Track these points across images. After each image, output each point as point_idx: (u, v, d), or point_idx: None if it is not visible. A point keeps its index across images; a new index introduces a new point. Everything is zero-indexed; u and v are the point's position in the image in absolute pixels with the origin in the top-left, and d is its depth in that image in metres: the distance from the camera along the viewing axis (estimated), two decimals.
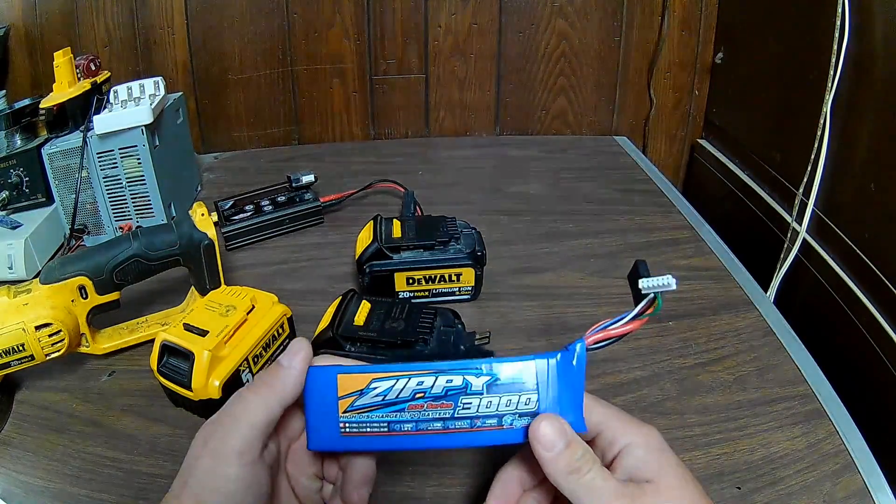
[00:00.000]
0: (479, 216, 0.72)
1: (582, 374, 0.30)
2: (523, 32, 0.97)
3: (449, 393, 0.30)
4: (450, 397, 0.30)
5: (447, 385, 0.30)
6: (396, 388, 0.31)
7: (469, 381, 0.30)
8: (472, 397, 0.30)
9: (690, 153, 1.06)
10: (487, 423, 0.31)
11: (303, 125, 1.02)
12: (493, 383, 0.30)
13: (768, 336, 0.55)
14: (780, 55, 0.82)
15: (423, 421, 0.31)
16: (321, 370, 0.31)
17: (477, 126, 1.04)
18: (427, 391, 0.30)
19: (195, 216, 0.53)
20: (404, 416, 0.31)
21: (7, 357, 0.45)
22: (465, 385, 0.30)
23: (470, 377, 0.30)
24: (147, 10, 0.92)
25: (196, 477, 0.29)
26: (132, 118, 0.65)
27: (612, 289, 0.62)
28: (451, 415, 0.31)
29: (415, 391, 0.30)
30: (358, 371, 0.31)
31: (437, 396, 0.30)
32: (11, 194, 0.68)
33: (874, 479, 0.42)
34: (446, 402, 0.31)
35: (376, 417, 0.31)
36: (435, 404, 0.31)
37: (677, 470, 0.30)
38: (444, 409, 0.31)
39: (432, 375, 0.30)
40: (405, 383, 0.31)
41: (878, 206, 0.63)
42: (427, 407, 0.31)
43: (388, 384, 0.31)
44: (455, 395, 0.30)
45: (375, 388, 0.31)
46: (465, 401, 0.30)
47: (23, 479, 0.43)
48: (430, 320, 0.49)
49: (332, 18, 0.95)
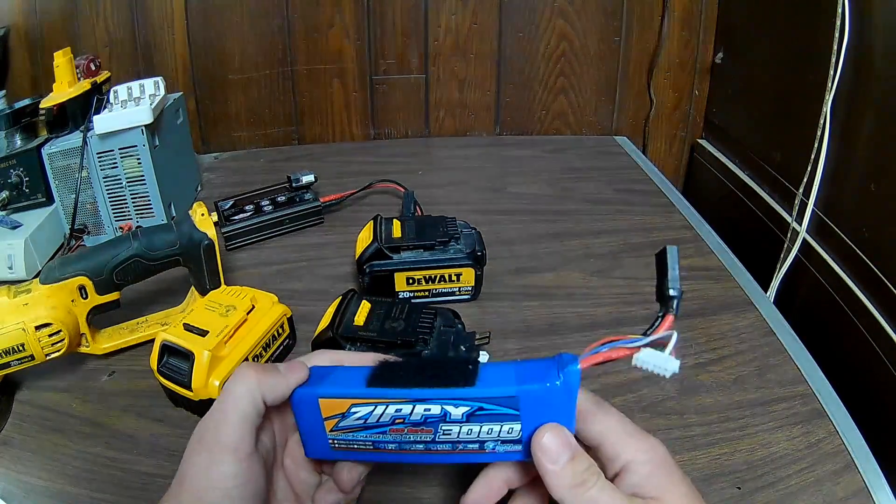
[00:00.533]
0: (479, 216, 0.72)
1: (573, 398, 0.28)
2: (523, 32, 0.97)
3: (428, 420, 0.30)
4: (429, 424, 0.30)
5: (425, 413, 0.29)
6: (375, 414, 0.30)
7: (448, 411, 0.29)
8: (452, 425, 0.29)
9: (690, 153, 1.06)
10: (469, 448, 0.30)
11: (303, 125, 1.02)
12: (473, 413, 0.29)
13: (768, 336, 0.55)
14: (780, 55, 0.82)
15: (406, 442, 0.31)
16: (304, 393, 0.31)
17: (477, 126, 1.04)
18: (406, 417, 0.30)
19: (195, 216, 0.53)
20: (387, 438, 0.31)
21: (7, 357, 0.45)
22: (443, 414, 0.29)
23: (448, 407, 0.29)
24: (147, 10, 0.91)
25: (193, 474, 0.29)
26: (132, 118, 0.65)
27: (612, 289, 0.62)
28: (432, 439, 0.30)
29: (394, 417, 0.30)
30: (338, 396, 0.31)
31: (417, 423, 0.30)
32: (11, 194, 0.68)
33: (874, 479, 0.42)
34: (426, 428, 0.30)
35: (361, 437, 0.31)
36: (415, 429, 0.30)
37: (681, 488, 0.29)
38: (425, 434, 0.30)
39: (410, 404, 0.29)
40: (384, 409, 0.30)
41: (878, 206, 0.63)
42: (408, 431, 0.30)
43: (367, 409, 0.30)
44: (434, 423, 0.30)
45: (355, 413, 0.31)
46: (445, 428, 0.30)
47: (23, 479, 0.43)
48: (430, 320, 0.49)
49: (332, 18, 0.95)
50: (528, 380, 0.28)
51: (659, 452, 0.29)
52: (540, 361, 0.29)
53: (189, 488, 0.28)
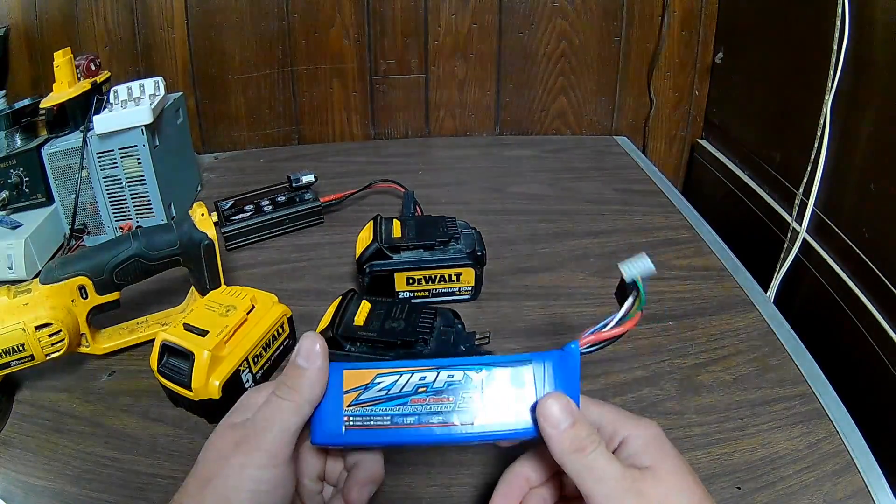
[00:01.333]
0: (479, 216, 0.72)
1: (576, 375, 0.32)
2: (523, 32, 0.97)
3: (450, 387, 0.32)
4: (451, 391, 0.32)
5: (448, 380, 0.32)
6: (400, 383, 0.32)
7: (469, 377, 0.32)
8: (472, 392, 0.32)
9: (690, 153, 1.06)
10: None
11: (303, 125, 1.02)
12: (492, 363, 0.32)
13: (768, 336, 0.55)
14: (780, 55, 0.82)
15: (425, 414, 0.32)
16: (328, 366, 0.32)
17: (477, 126, 1.04)
18: (429, 386, 0.32)
19: (195, 216, 0.53)
20: (407, 410, 0.32)
21: (7, 357, 0.45)
22: (465, 380, 0.32)
23: (470, 373, 0.32)
24: (147, 10, 0.91)
25: (224, 477, 0.29)
26: (132, 118, 0.65)
27: (611, 289, 0.61)
28: (451, 409, 0.32)
29: (417, 385, 0.32)
30: (363, 367, 0.33)
31: (439, 390, 0.32)
32: (11, 194, 0.68)
33: (874, 479, 0.42)
34: (447, 397, 0.32)
35: (380, 411, 0.32)
36: (437, 398, 0.32)
37: (675, 460, 0.30)
38: (446, 404, 0.32)
39: (434, 371, 0.32)
40: (408, 378, 0.32)
41: (878, 206, 0.63)
42: (429, 401, 0.32)
43: (392, 379, 0.32)
44: (456, 390, 0.32)
45: (380, 383, 0.32)
46: (466, 395, 0.32)
47: (23, 479, 0.43)
48: (430, 320, 0.49)
49: (332, 18, 0.95)
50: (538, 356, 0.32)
51: (652, 429, 0.32)
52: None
53: (217, 489, 0.29)
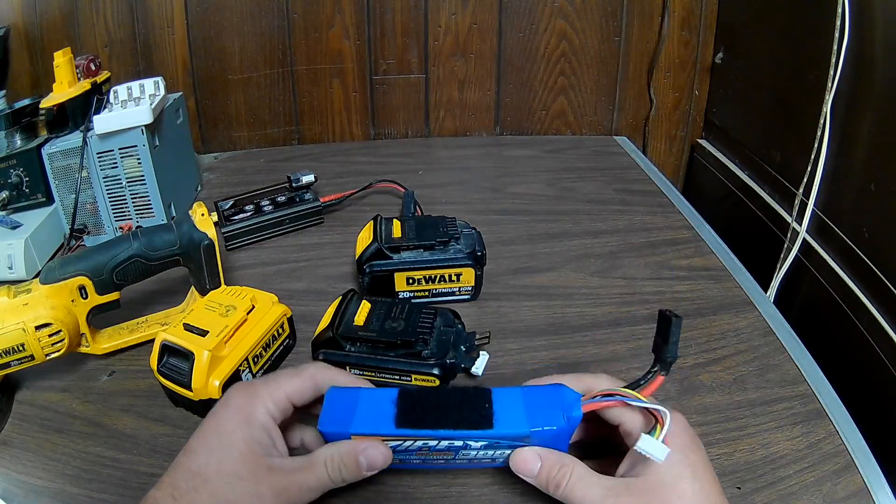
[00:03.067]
0: (479, 216, 0.72)
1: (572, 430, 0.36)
2: (523, 32, 0.97)
3: (450, 448, 0.36)
4: (451, 450, 0.36)
5: (449, 444, 0.35)
6: (405, 445, 0.36)
7: (469, 443, 0.35)
8: (471, 451, 0.36)
9: (690, 153, 1.06)
10: (484, 462, 0.38)
11: (303, 125, 1.02)
12: (490, 445, 0.36)
13: (768, 336, 0.55)
14: (780, 55, 0.82)
15: (429, 460, 0.38)
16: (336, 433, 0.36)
17: (477, 126, 1.04)
18: (432, 447, 0.36)
19: (195, 216, 0.53)
20: (413, 457, 0.37)
21: (7, 357, 0.45)
22: (464, 445, 0.35)
23: (470, 441, 0.35)
24: (147, 10, 0.91)
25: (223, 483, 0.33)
26: (132, 118, 0.65)
27: (611, 289, 0.62)
28: (453, 458, 0.37)
29: (421, 446, 0.36)
30: (370, 434, 0.36)
31: (440, 450, 0.36)
32: (11, 194, 0.68)
33: (874, 479, 0.42)
34: (449, 452, 0.36)
35: None
36: (439, 452, 0.36)
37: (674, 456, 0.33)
38: (447, 456, 0.37)
39: (437, 440, 0.35)
40: (412, 443, 0.36)
41: (878, 206, 0.63)
42: (433, 454, 0.37)
43: (396, 443, 0.36)
44: (456, 449, 0.36)
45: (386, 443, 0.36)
46: (465, 453, 0.36)
47: (23, 479, 0.43)
48: (430, 320, 0.49)
49: (332, 18, 0.95)
50: (538, 420, 0.35)
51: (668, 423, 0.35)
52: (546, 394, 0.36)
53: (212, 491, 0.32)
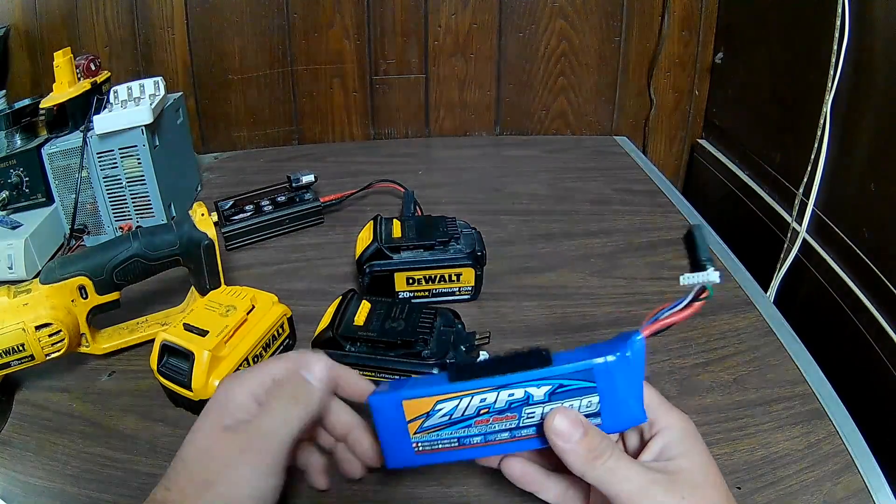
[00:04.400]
0: (479, 216, 0.72)
1: (641, 367, 0.30)
2: (523, 32, 0.97)
3: (512, 406, 0.31)
4: (514, 409, 0.31)
5: (509, 399, 0.31)
6: (461, 407, 0.32)
7: (530, 393, 0.31)
8: (535, 406, 0.31)
9: (690, 153, 1.06)
10: None
11: (303, 125, 1.02)
12: (555, 391, 0.31)
13: (768, 336, 0.55)
14: (780, 55, 0.82)
15: (491, 433, 0.32)
16: (386, 398, 0.33)
17: (477, 126, 1.04)
18: (491, 406, 0.31)
19: (195, 216, 0.53)
20: (472, 431, 0.32)
21: (7, 357, 0.45)
22: (526, 397, 0.31)
23: (531, 388, 0.31)
24: (147, 10, 0.91)
25: (229, 484, 0.29)
26: (132, 118, 0.65)
27: (611, 289, 0.62)
28: (516, 425, 0.32)
29: (479, 408, 0.31)
30: (422, 395, 0.32)
31: (502, 410, 0.31)
32: (11, 194, 0.68)
33: (874, 479, 0.42)
34: (511, 414, 0.31)
35: (446, 435, 0.32)
36: (500, 417, 0.32)
37: (703, 456, 0.31)
38: (510, 421, 0.32)
39: (494, 391, 0.31)
40: (468, 402, 0.31)
41: (878, 206, 0.63)
42: (493, 420, 0.32)
43: (452, 404, 0.32)
44: (518, 407, 0.31)
45: (440, 410, 0.32)
46: (529, 411, 0.31)
47: (23, 479, 0.43)
48: (430, 320, 0.49)
49: (332, 18, 0.95)
50: (600, 353, 0.30)
51: (690, 424, 0.32)
52: (605, 343, 0.31)
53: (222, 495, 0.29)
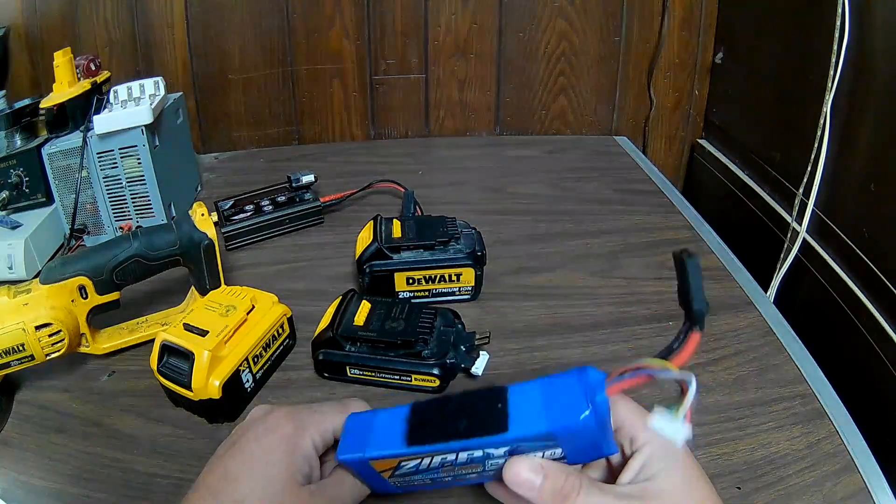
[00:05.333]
0: (479, 216, 0.72)
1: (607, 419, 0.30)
2: (523, 32, 0.97)
3: (473, 461, 0.31)
4: (476, 461, 0.31)
5: (469, 456, 0.31)
6: (424, 463, 0.32)
7: (490, 452, 0.30)
8: (498, 459, 0.31)
9: (690, 153, 1.06)
10: None
11: (303, 125, 1.02)
12: (515, 450, 0.30)
13: (768, 336, 0.55)
14: (780, 55, 0.82)
15: (460, 476, 0.33)
16: (354, 460, 0.33)
17: (477, 126, 1.04)
18: (454, 462, 0.31)
19: (195, 216, 0.53)
20: (441, 475, 0.33)
21: (7, 357, 0.45)
22: (486, 455, 0.31)
23: (490, 449, 0.30)
24: (147, 10, 0.91)
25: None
26: (132, 118, 0.65)
27: (611, 289, 0.62)
28: (482, 471, 0.32)
29: (442, 462, 0.32)
30: (384, 457, 0.33)
31: (464, 463, 0.31)
32: (11, 194, 0.68)
33: (874, 479, 0.42)
34: (475, 465, 0.31)
35: (418, 479, 0.33)
36: (465, 467, 0.32)
37: (686, 472, 0.31)
38: (475, 468, 0.32)
39: (453, 453, 0.31)
40: (430, 461, 0.32)
41: (878, 206, 0.63)
42: (459, 469, 0.32)
43: (415, 461, 0.32)
44: (481, 460, 0.31)
45: (406, 466, 0.32)
46: (492, 462, 0.31)
47: (23, 479, 0.43)
48: (430, 320, 0.49)
49: (332, 18, 0.95)
50: (558, 413, 0.29)
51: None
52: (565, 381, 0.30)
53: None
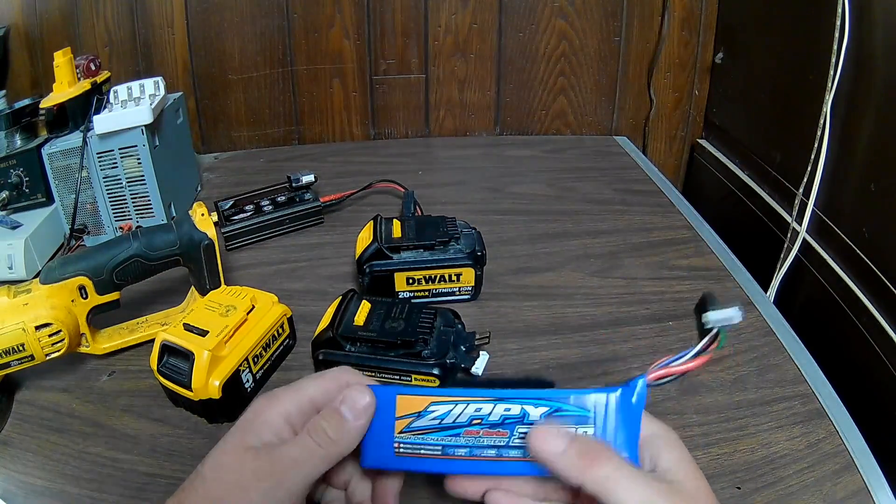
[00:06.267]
0: (479, 216, 0.72)
1: (640, 411, 0.30)
2: (523, 32, 0.97)
3: (506, 421, 0.30)
4: (506, 425, 0.30)
5: (505, 413, 0.30)
6: (454, 413, 0.31)
7: (527, 412, 0.30)
8: (528, 427, 0.30)
9: (690, 153, 1.06)
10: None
11: (303, 125, 1.02)
12: (552, 414, 0.30)
13: (768, 336, 0.55)
14: (780, 55, 0.82)
15: (478, 447, 0.31)
16: (381, 390, 0.32)
17: (477, 126, 1.04)
18: (484, 418, 0.30)
19: (195, 216, 0.53)
20: (459, 441, 0.31)
21: (7, 357, 0.45)
22: (522, 415, 0.30)
23: (529, 407, 0.30)
24: (147, 10, 0.91)
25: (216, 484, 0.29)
26: (132, 118, 0.65)
27: (611, 289, 0.62)
28: (505, 443, 0.31)
29: (472, 417, 0.31)
30: (417, 393, 0.31)
31: (494, 424, 0.30)
32: (11, 194, 0.68)
33: (874, 479, 0.42)
34: (502, 430, 0.30)
35: (431, 440, 0.31)
36: (491, 431, 0.31)
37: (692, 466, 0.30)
38: (500, 437, 0.31)
39: (491, 403, 0.30)
40: (463, 408, 0.31)
41: (878, 206, 0.63)
42: (483, 434, 0.31)
43: (446, 408, 0.31)
44: (511, 424, 0.30)
45: (433, 412, 0.31)
46: (521, 430, 0.30)
47: (23, 479, 0.43)
48: (430, 320, 0.49)
49: (332, 18, 0.95)
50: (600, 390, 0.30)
51: (673, 433, 0.31)
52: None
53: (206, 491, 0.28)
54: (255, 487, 0.28)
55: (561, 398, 0.30)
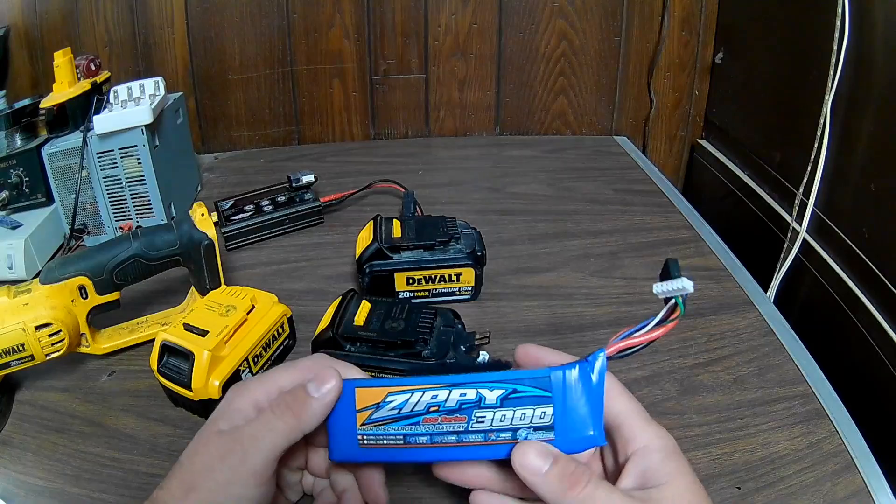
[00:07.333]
0: (479, 216, 0.72)
1: (601, 386, 0.30)
2: (523, 32, 0.97)
3: (463, 406, 0.30)
4: (464, 411, 0.30)
5: (461, 398, 0.30)
6: (411, 402, 0.31)
7: (483, 395, 0.30)
8: (486, 411, 0.30)
9: (690, 153, 1.06)
10: (501, 437, 0.30)
11: (303, 125, 1.02)
12: (507, 396, 0.30)
13: (768, 336, 0.55)
14: (780, 55, 0.82)
15: (438, 434, 0.31)
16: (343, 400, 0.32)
17: (477, 126, 1.04)
18: (441, 405, 0.31)
19: (195, 216, 0.53)
20: (419, 430, 0.31)
21: (7, 357, 0.45)
22: (478, 399, 0.30)
23: (484, 391, 0.30)
24: (147, 10, 0.91)
25: (207, 489, 0.29)
26: (132, 118, 0.65)
27: (611, 289, 0.62)
28: (464, 428, 0.31)
29: (429, 404, 0.31)
30: (374, 385, 0.32)
31: (452, 410, 0.31)
32: (11, 194, 0.68)
33: (874, 479, 0.42)
34: (460, 416, 0.31)
35: (392, 430, 0.32)
36: (449, 418, 0.31)
37: (688, 477, 0.30)
38: (458, 423, 0.31)
39: (446, 389, 0.31)
40: (419, 397, 0.31)
41: (878, 206, 0.63)
42: (441, 420, 0.31)
43: (403, 398, 0.31)
44: (469, 409, 0.30)
45: (391, 402, 0.31)
46: (479, 414, 0.30)
47: (23, 479, 0.43)
48: (430, 320, 0.49)
49: (332, 18, 0.95)
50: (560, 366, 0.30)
51: (670, 442, 0.31)
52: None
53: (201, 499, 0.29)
54: (219, 467, 0.29)
55: (517, 380, 0.30)
